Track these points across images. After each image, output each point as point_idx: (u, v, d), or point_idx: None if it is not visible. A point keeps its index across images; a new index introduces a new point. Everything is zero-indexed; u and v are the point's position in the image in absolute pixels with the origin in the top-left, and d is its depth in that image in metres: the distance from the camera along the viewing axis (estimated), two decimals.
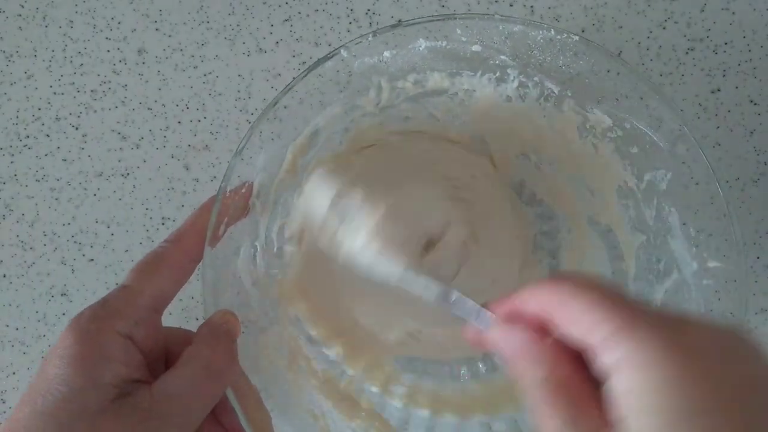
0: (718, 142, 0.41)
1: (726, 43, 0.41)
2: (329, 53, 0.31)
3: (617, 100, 0.33)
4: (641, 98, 0.32)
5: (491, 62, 0.34)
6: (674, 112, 0.31)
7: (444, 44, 0.33)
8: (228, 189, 0.31)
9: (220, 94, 0.43)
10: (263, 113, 0.31)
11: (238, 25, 0.43)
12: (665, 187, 0.34)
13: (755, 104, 0.41)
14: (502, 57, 0.33)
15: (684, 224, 0.33)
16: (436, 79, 0.35)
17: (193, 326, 0.43)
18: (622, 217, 0.36)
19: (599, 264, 0.38)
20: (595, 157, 0.36)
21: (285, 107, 0.32)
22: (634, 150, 0.34)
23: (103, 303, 0.28)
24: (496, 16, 0.31)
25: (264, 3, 0.43)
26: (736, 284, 0.31)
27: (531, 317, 0.23)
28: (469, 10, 0.42)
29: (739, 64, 0.41)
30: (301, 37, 0.43)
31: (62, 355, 0.26)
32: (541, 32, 0.31)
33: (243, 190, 0.32)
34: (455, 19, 0.31)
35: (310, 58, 0.43)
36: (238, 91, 0.43)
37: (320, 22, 0.42)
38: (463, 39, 0.32)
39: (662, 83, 0.41)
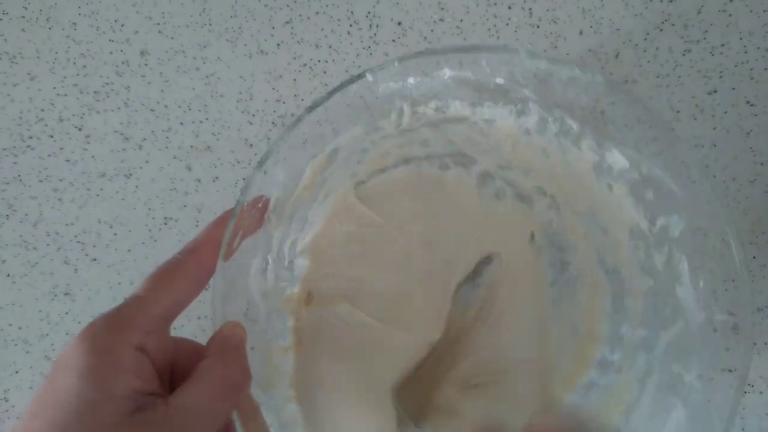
0: (715, 143, 0.41)
1: (723, 45, 0.41)
2: (355, 76, 0.31)
3: (637, 143, 0.33)
4: (662, 144, 0.32)
5: (513, 95, 0.34)
6: (695, 162, 0.31)
7: (468, 74, 0.33)
8: (245, 203, 0.31)
9: (221, 96, 0.43)
10: (286, 129, 0.31)
11: (239, 28, 0.43)
12: (678, 235, 0.33)
13: (752, 105, 0.41)
14: (525, 91, 0.33)
15: (694, 274, 0.33)
16: (457, 107, 0.35)
17: (192, 326, 0.43)
18: (632, 259, 0.36)
19: (605, 306, 0.38)
20: (609, 197, 0.35)
21: (308, 125, 0.32)
22: (649, 194, 0.34)
23: (117, 312, 0.27)
24: (522, 51, 0.31)
25: (265, 5, 0.43)
26: (741, 339, 0.30)
27: None
28: (467, 13, 0.42)
29: (735, 66, 0.41)
30: (302, 39, 0.43)
31: (75, 365, 0.25)
32: (566, 69, 0.31)
33: (260, 204, 0.32)
34: (481, 51, 0.31)
35: (311, 59, 0.43)
36: (240, 93, 0.43)
37: (321, 24, 0.43)
38: (488, 70, 0.32)
39: (659, 85, 0.41)
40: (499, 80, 0.33)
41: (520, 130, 0.36)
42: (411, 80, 0.33)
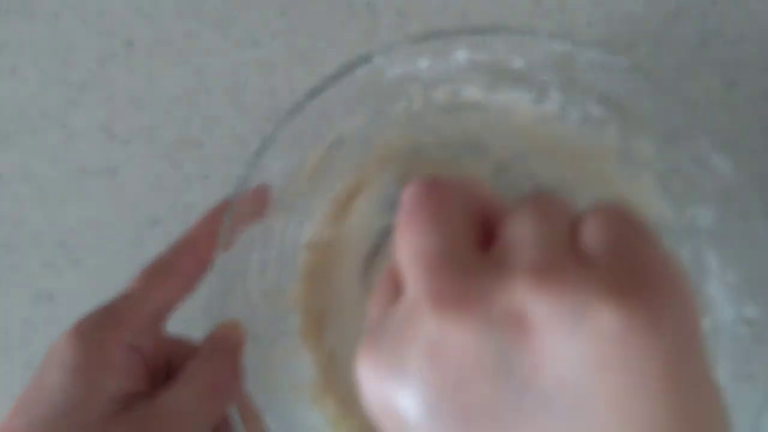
0: (732, 138, 0.40)
1: (740, 37, 0.40)
2: (361, 58, 0.30)
3: (663, 129, 0.32)
4: (689, 131, 0.31)
5: (532, 79, 0.33)
6: (723, 149, 0.30)
7: (484, 57, 0.31)
8: (243, 193, 0.30)
9: (212, 89, 0.42)
10: (287, 116, 0.30)
11: (231, 17, 0.42)
12: (706, 227, 0.32)
13: None
14: (545, 75, 0.32)
15: (722, 267, 0.32)
16: (471, 92, 0.34)
17: (186, 328, 0.42)
18: None
19: None
20: (632, 188, 0.34)
21: (310, 111, 0.31)
22: (676, 184, 0.33)
23: (107, 309, 0.27)
24: (542, 33, 0.30)
25: None
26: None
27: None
28: (473, 1, 0.41)
29: (753, 59, 0.40)
30: (297, 29, 0.42)
31: (62, 363, 0.25)
32: (588, 53, 0.30)
33: (259, 195, 0.31)
34: (499, 32, 0.30)
35: (307, 50, 0.42)
36: (232, 86, 0.42)
37: (317, 13, 0.41)
38: (506, 53, 0.31)
39: (675, 78, 0.40)
40: (517, 64, 0.32)
41: (539, 116, 0.34)
42: (422, 63, 0.31)
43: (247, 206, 0.31)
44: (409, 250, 0.17)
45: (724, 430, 0.16)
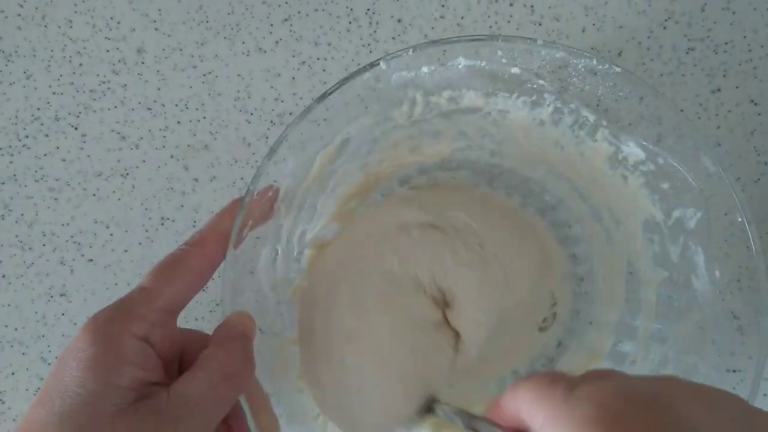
0: (719, 142, 0.41)
1: (726, 43, 0.41)
2: (368, 65, 0.31)
3: (653, 134, 0.32)
4: (678, 136, 0.32)
5: (529, 85, 0.33)
6: (711, 152, 0.31)
7: (483, 64, 0.32)
8: (255, 192, 0.31)
9: (219, 94, 0.43)
10: (297, 119, 0.31)
11: (237, 25, 0.43)
12: (693, 226, 0.33)
13: (756, 104, 0.41)
14: (541, 81, 0.33)
15: (709, 265, 0.33)
16: (470, 98, 0.35)
17: (192, 326, 0.43)
18: (645, 251, 0.36)
19: (621, 298, 0.38)
20: (624, 189, 0.35)
21: (318, 114, 0.32)
22: (665, 186, 0.34)
23: (120, 304, 0.28)
24: (539, 41, 0.31)
25: (263, 2, 0.43)
26: (757, 330, 0.31)
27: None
28: (469, 10, 0.42)
29: (739, 64, 0.41)
30: (300, 36, 0.42)
31: (78, 357, 0.26)
32: (582, 60, 0.31)
33: (269, 194, 0.32)
34: (497, 40, 0.31)
35: (309, 57, 0.42)
36: (238, 91, 0.43)
37: (320, 21, 0.42)
38: (503, 60, 0.32)
39: (663, 83, 0.41)
40: (515, 70, 0.33)
41: (535, 121, 0.35)
42: (425, 69, 0.32)
43: (259, 206, 0.31)
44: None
45: None
